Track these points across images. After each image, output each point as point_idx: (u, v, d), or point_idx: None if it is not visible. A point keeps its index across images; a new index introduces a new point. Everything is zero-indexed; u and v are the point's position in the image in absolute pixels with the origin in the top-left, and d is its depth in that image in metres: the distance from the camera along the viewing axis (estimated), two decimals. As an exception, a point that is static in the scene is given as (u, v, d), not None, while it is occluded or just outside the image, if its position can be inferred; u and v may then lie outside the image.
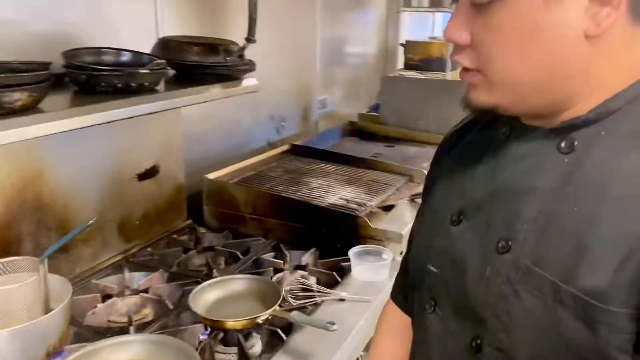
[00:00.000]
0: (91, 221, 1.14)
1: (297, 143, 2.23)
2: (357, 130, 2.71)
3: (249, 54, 1.45)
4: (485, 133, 0.71)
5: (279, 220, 1.64)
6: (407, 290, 0.84)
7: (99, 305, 1.28)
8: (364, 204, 1.71)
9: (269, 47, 2.27)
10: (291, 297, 1.31)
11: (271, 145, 2.31)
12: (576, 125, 0.60)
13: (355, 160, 2.12)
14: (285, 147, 2.19)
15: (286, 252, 1.53)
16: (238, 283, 1.27)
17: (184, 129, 1.72)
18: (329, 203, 1.69)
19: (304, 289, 1.36)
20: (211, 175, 1.74)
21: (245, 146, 2.17)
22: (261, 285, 1.27)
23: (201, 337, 1.18)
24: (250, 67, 1.45)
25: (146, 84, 1.17)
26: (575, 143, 0.60)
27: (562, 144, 0.60)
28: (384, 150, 2.46)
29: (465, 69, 0.62)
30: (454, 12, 0.61)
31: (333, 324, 1.10)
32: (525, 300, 0.59)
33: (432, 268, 0.72)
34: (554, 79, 0.58)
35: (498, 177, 0.65)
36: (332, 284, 1.40)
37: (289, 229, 1.63)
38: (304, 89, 2.63)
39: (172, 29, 1.62)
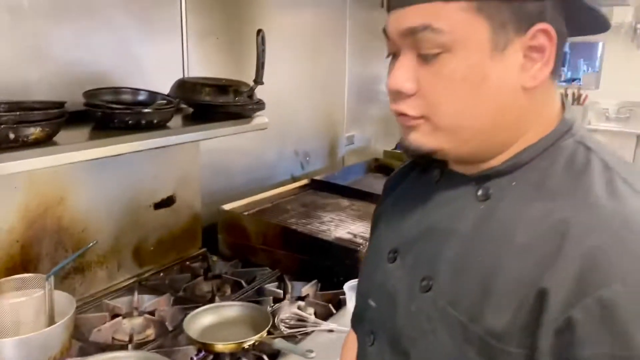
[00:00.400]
0: (92, 243, 1.24)
1: (317, 178, 2.31)
2: (381, 167, 2.76)
3: (277, 92, 1.55)
4: (422, 176, 0.77)
5: (286, 252, 1.71)
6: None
7: (106, 324, 1.38)
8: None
9: (297, 83, 2.39)
10: (284, 326, 1.37)
11: (295, 180, 2.40)
12: (492, 175, 0.65)
13: (371, 196, 2.17)
14: (305, 181, 2.27)
15: (288, 283, 1.60)
16: (232, 309, 1.35)
17: (206, 161, 1.83)
18: (336, 237, 1.75)
19: (299, 319, 1.42)
20: (227, 206, 1.84)
21: (269, 179, 2.27)
22: (253, 312, 1.33)
23: (194, 358, 1.26)
24: (259, 106, 1.55)
25: (155, 121, 1.29)
26: (490, 192, 0.64)
27: (479, 192, 0.65)
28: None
29: (406, 116, 0.64)
30: (397, 63, 0.63)
31: (312, 351, 1.15)
32: (441, 338, 0.63)
33: (372, 302, 0.76)
34: (494, 127, 0.62)
35: (427, 218, 0.70)
36: (327, 316, 1.45)
37: (295, 261, 1.69)
38: (331, 125, 2.72)
39: (198, 70, 1.76)
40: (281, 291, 1.56)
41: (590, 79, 5.83)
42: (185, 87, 1.49)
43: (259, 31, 1.44)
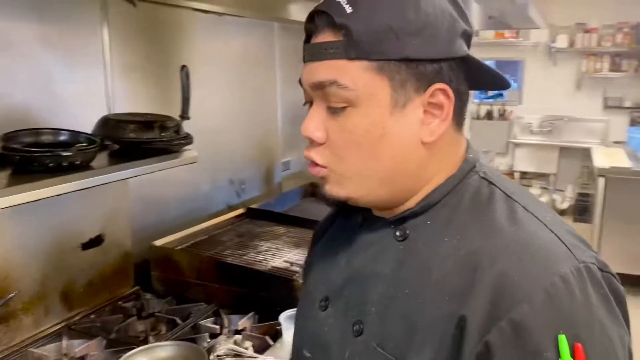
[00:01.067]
0: (10, 295, 1.19)
1: (253, 206, 2.30)
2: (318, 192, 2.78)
3: (208, 121, 1.54)
4: (345, 222, 0.79)
5: (221, 285, 1.69)
6: None
7: (32, 375, 1.32)
8: (307, 267, 1.77)
9: (229, 112, 2.39)
10: (220, 363, 1.36)
11: (231, 209, 2.39)
12: (408, 217, 0.69)
13: (307, 222, 2.18)
14: (241, 211, 2.27)
15: (225, 317, 1.58)
16: (166, 350, 1.32)
17: (136, 195, 1.80)
18: (272, 266, 1.75)
19: (235, 355, 1.40)
20: (158, 242, 1.81)
21: (204, 210, 2.24)
22: (188, 351, 1.31)
23: (127, 404, 1.22)
24: (187, 140, 1.54)
25: (77, 162, 1.25)
26: (408, 232, 0.68)
27: (397, 233, 0.69)
28: (341, 210, 2.53)
29: (313, 164, 0.69)
30: (309, 112, 0.68)
31: (248, 389, 1.14)
32: None
33: (307, 353, 0.77)
34: (396, 176, 0.67)
35: (352, 264, 0.73)
36: (264, 348, 1.44)
37: (230, 294, 1.68)
38: (266, 151, 2.73)
39: (124, 105, 1.73)
40: (217, 326, 1.54)
41: (514, 95, 6.14)
42: (109, 125, 1.46)
43: (183, 67, 1.43)
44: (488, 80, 0.70)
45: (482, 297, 0.58)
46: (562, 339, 0.54)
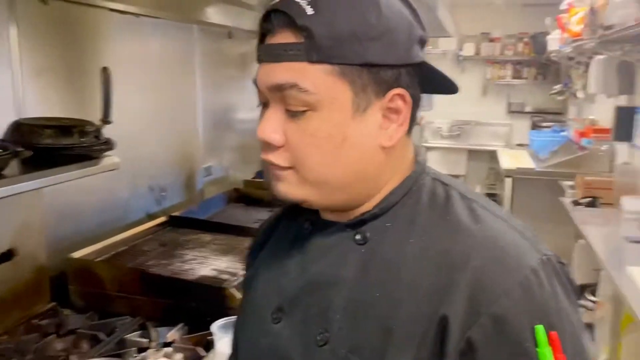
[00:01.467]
0: None
1: (175, 214, 2.23)
2: (242, 197, 2.75)
3: (125, 127, 1.46)
4: (291, 227, 0.76)
5: (147, 297, 1.62)
6: None
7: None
8: (236, 274, 1.74)
9: (147, 116, 2.30)
10: (150, 378, 1.30)
11: (151, 217, 2.30)
12: (366, 220, 0.68)
13: (234, 228, 2.15)
14: (162, 219, 2.19)
15: (152, 330, 1.52)
16: (91, 369, 1.24)
17: (51, 205, 1.68)
18: (200, 275, 1.70)
19: (166, 368, 1.35)
20: (76, 254, 1.70)
21: (122, 219, 2.14)
22: (116, 369, 1.24)
23: None
24: (108, 146, 1.46)
25: (-13, 171, 1.16)
26: (368, 235, 0.67)
27: (357, 237, 0.68)
28: (267, 215, 2.51)
29: (275, 166, 0.67)
30: (266, 113, 0.66)
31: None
32: None
33: None
34: (357, 180, 0.66)
35: (308, 271, 0.70)
36: (196, 360, 1.40)
37: (157, 306, 1.61)
38: (187, 156, 2.65)
39: (36, 109, 1.61)
40: (145, 340, 1.48)
41: (425, 101, 6.36)
42: (22, 130, 1.36)
43: (104, 69, 1.36)
44: (439, 85, 0.71)
45: (461, 295, 0.59)
46: (539, 329, 0.57)
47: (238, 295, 1.56)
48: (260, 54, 0.66)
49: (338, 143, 0.63)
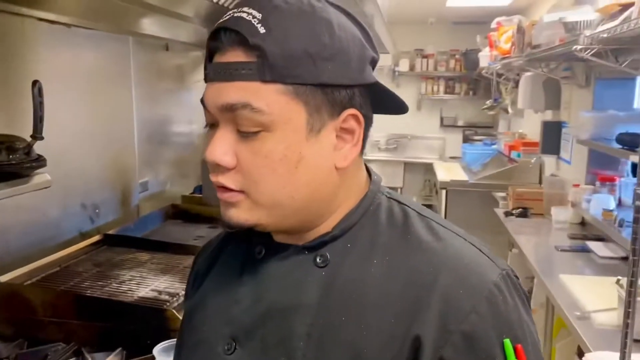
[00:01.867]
0: None
1: (110, 232, 2.14)
2: (180, 213, 2.68)
3: (57, 140, 1.38)
4: (238, 252, 0.73)
5: (81, 321, 1.53)
6: None
7: None
8: (177, 294, 1.68)
9: (80, 131, 2.20)
10: (86, 409, 1.22)
11: (84, 236, 2.19)
12: (326, 241, 0.66)
13: (173, 246, 2.08)
14: (97, 237, 2.09)
15: (88, 356, 1.44)
16: (21, 403, 1.16)
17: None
18: (138, 297, 1.63)
19: (103, 397, 1.28)
20: (3, 277, 1.59)
21: (53, 239, 2.02)
22: (49, 401, 1.16)
23: None
24: (39, 163, 1.38)
25: None
26: (329, 257, 0.65)
27: (318, 259, 0.65)
28: (207, 232, 2.46)
29: (225, 189, 0.63)
30: (216, 134, 0.62)
31: None
32: None
33: None
34: (311, 201, 0.64)
35: (264, 298, 0.66)
36: (136, 387, 1.33)
37: (93, 330, 1.52)
38: (121, 171, 2.55)
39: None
40: (80, 368, 1.39)
41: (363, 114, 6.47)
42: (-58, 146, 1.26)
43: (35, 82, 1.29)
44: (390, 105, 0.71)
45: (432, 313, 0.59)
46: (507, 343, 0.58)
47: (179, 316, 1.51)
48: (209, 72, 0.63)
49: (293, 165, 0.62)
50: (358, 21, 0.67)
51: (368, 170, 0.72)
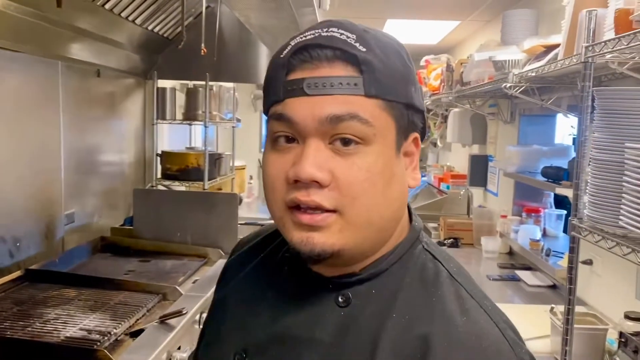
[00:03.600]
0: None
1: (33, 267, 1.99)
2: (110, 246, 2.55)
3: None
4: (269, 266, 0.72)
5: (0, 366, 1.40)
6: None
7: None
8: (109, 333, 1.57)
9: (1, 159, 2.06)
10: None
11: (2, 272, 2.02)
12: (351, 283, 0.65)
13: (102, 281, 1.97)
14: (17, 274, 1.94)
15: (7, 406, 1.31)
16: None
17: None
18: (65, 337, 1.51)
19: None
20: None
21: (-33, 275, 1.86)
22: None
23: None
24: (-42, 193, 1.27)
25: None
26: (351, 298, 0.64)
27: (340, 299, 0.64)
28: (138, 266, 2.35)
29: (315, 210, 0.60)
30: (307, 149, 0.60)
31: None
32: None
33: None
34: (392, 221, 0.65)
35: (280, 321, 0.66)
36: None
37: (13, 375, 1.40)
38: (46, 203, 2.40)
39: None
40: (-3, 419, 1.26)
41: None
42: None
43: (-43, 104, 1.19)
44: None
45: None
46: None
47: (112, 357, 1.41)
48: (298, 87, 0.60)
49: (387, 180, 0.62)
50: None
51: (410, 211, 0.70)
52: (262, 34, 2.36)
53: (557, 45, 1.97)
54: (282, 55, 0.62)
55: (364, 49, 0.60)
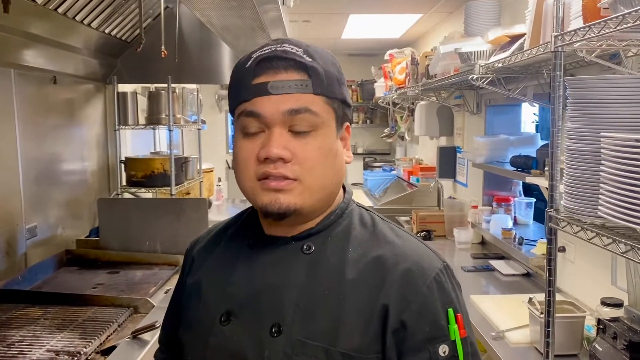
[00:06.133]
0: None
1: (-6, 287, 1.90)
2: (76, 259, 2.46)
3: None
4: (233, 246, 0.90)
5: (-38, 396, 1.32)
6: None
7: None
8: (78, 353, 1.50)
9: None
10: None
11: (-39, 293, 1.92)
12: (310, 234, 0.85)
13: (69, 297, 1.89)
14: (-23, 295, 1.84)
15: None
16: None
17: None
18: (32, 360, 1.44)
19: None
20: None
21: None
22: None
23: None
24: None
25: None
26: (312, 246, 0.84)
27: (304, 247, 0.84)
28: (107, 278, 2.26)
29: (281, 178, 0.79)
30: (273, 135, 0.79)
31: None
32: None
33: None
34: (337, 186, 0.86)
35: (256, 279, 0.83)
36: None
37: (-24, 405, 1.32)
38: (5, 217, 2.29)
39: None
40: None
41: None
42: None
43: None
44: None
45: (395, 288, 0.78)
46: (450, 312, 0.79)
47: (83, 378, 1.34)
48: (263, 89, 0.79)
49: (332, 156, 0.83)
50: None
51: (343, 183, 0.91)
52: (224, 34, 2.29)
53: (522, 35, 1.97)
54: (247, 65, 0.82)
55: (310, 59, 0.81)
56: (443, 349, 0.78)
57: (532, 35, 1.74)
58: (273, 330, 0.79)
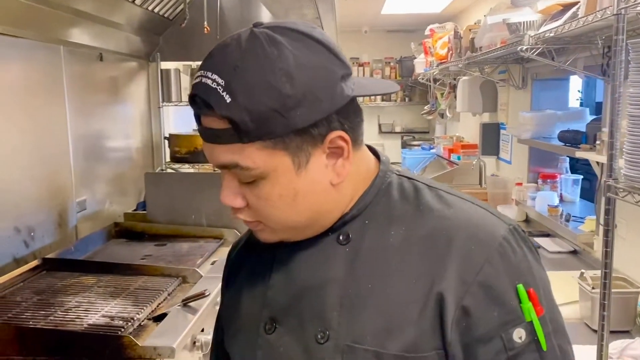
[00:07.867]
0: None
1: (49, 256, 1.97)
2: (124, 231, 2.52)
3: None
4: (266, 250, 0.78)
5: (25, 356, 1.38)
6: None
7: None
8: (132, 318, 1.55)
9: (10, 149, 2.02)
10: None
11: (19, 262, 2.00)
12: (346, 221, 0.73)
13: (120, 267, 1.94)
14: (34, 263, 1.91)
15: (35, 396, 1.29)
16: None
17: None
18: (88, 325, 1.49)
19: None
20: None
21: (-17, 267, 1.84)
22: None
23: None
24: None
25: None
26: (349, 234, 0.72)
27: (340, 238, 0.73)
28: (155, 250, 2.32)
29: (246, 221, 0.73)
30: (224, 182, 0.70)
31: None
32: None
33: None
34: (318, 217, 0.72)
35: (295, 279, 0.73)
36: None
37: (39, 365, 1.37)
38: (57, 191, 2.36)
39: None
40: (27, 409, 1.24)
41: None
42: None
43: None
44: (377, 89, 0.78)
45: (450, 272, 0.66)
46: (520, 288, 0.66)
47: (138, 342, 1.39)
48: (200, 132, 0.68)
49: (290, 199, 0.69)
50: (318, 39, 0.67)
51: (376, 152, 0.77)
52: (274, 6, 2.28)
53: (576, 3, 1.89)
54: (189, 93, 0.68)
55: (229, 100, 0.63)
56: (518, 334, 0.65)
57: (589, 2, 1.67)
58: (319, 337, 0.70)
